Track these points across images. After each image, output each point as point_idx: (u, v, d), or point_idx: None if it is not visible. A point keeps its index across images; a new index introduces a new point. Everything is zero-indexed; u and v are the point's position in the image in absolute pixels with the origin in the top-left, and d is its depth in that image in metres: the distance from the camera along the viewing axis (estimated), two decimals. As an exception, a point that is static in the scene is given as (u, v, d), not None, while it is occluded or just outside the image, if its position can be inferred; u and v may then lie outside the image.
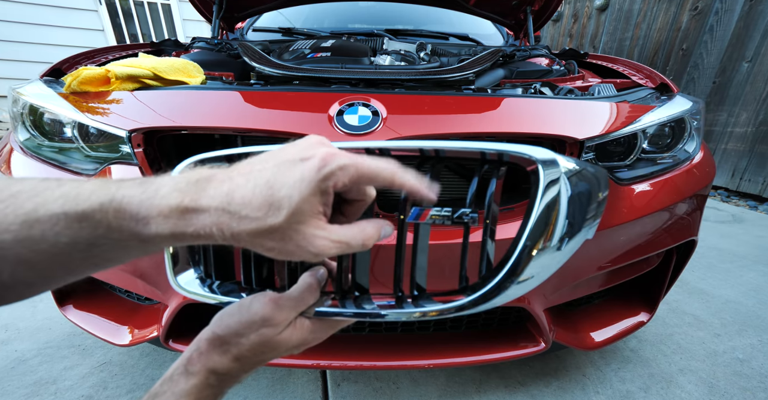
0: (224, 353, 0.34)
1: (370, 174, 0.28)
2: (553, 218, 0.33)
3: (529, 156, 0.34)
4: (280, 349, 0.35)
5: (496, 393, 1.11)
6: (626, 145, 0.88)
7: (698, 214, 0.98)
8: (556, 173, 0.34)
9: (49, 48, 4.53)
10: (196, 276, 0.46)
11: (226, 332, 0.34)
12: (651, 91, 1.03)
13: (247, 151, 0.45)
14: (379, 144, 0.39)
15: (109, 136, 0.83)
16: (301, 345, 0.36)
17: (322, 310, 0.37)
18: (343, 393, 1.10)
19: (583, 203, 0.36)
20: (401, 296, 0.40)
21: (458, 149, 0.38)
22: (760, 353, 1.29)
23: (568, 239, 0.34)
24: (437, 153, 0.39)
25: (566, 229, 0.34)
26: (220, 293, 0.44)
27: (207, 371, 0.34)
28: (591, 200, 0.37)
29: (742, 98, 2.98)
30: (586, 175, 0.37)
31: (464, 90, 0.97)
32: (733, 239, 2.25)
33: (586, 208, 0.36)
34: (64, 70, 1.04)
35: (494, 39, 1.99)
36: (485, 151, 0.37)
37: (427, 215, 0.37)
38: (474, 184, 0.39)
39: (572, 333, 0.98)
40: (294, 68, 1.01)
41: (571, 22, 4.84)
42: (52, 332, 1.31)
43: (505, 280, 0.33)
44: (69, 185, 0.26)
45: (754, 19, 2.85)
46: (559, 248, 0.34)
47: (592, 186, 0.37)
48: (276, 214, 0.26)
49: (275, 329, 0.34)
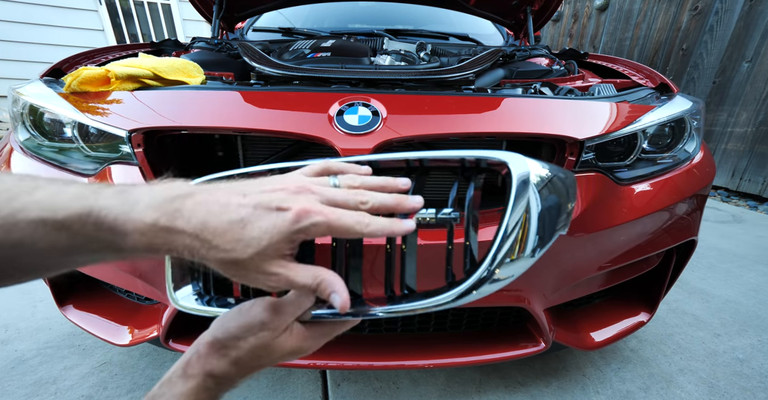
0: (223, 357, 0.35)
1: (340, 231, 0.30)
2: (523, 233, 0.35)
3: (501, 161, 0.37)
4: (275, 354, 0.35)
5: (496, 393, 1.11)
6: (626, 145, 0.88)
7: (698, 214, 0.98)
8: (525, 177, 0.36)
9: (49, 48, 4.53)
10: (194, 291, 0.47)
11: (226, 336, 0.35)
12: (651, 91, 1.03)
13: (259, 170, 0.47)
14: (367, 157, 0.42)
15: (109, 136, 0.83)
16: (295, 352, 0.37)
17: (317, 312, 0.38)
18: (343, 393, 1.10)
19: (552, 216, 0.37)
20: (392, 297, 0.41)
21: (440, 157, 0.41)
22: (760, 353, 1.29)
23: (540, 249, 0.36)
24: (421, 163, 0.42)
25: (537, 242, 0.36)
26: (217, 307, 0.45)
27: (205, 374, 0.34)
28: (560, 212, 0.39)
29: (742, 98, 2.98)
30: (556, 185, 0.39)
31: (464, 90, 0.97)
32: (733, 239, 2.25)
33: (556, 220, 0.38)
34: (64, 70, 1.04)
35: (494, 39, 1.99)
36: (465, 158, 0.40)
37: (413, 217, 0.38)
38: (454, 189, 0.42)
39: (572, 333, 0.98)
40: (294, 68, 1.01)
41: (571, 22, 4.84)
42: (52, 332, 1.31)
43: (480, 282, 0.35)
44: (46, 190, 0.27)
45: (754, 19, 2.85)
46: (532, 256, 0.36)
47: (561, 198, 0.39)
48: (243, 250, 0.28)
49: (273, 333, 0.35)
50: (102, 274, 0.94)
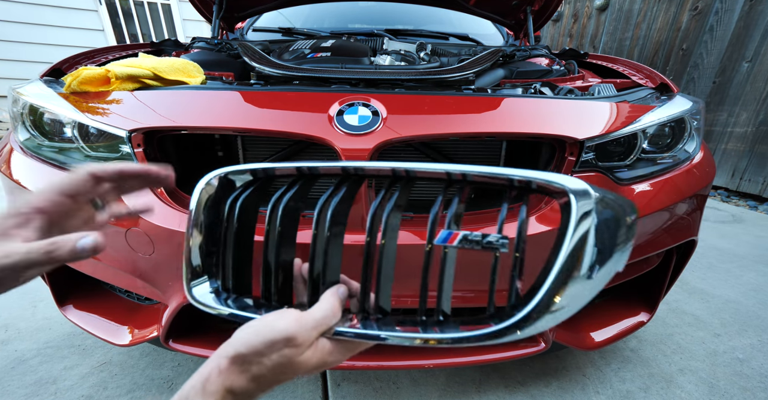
0: (244, 373, 0.33)
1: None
2: (583, 247, 0.32)
3: (561, 187, 0.34)
4: (299, 370, 0.35)
5: (496, 393, 1.11)
6: (626, 145, 0.88)
7: (698, 214, 0.98)
8: (588, 205, 0.33)
9: (49, 48, 4.53)
10: (212, 289, 0.46)
11: (249, 351, 0.33)
12: (651, 91, 1.03)
13: (265, 167, 0.47)
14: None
15: (109, 136, 0.83)
16: (319, 367, 0.36)
17: (343, 330, 0.37)
18: (343, 393, 1.10)
19: (610, 228, 0.34)
20: (425, 321, 0.39)
21: (487, 174, 0.38)
22: (760, 353, 1.29)
23: (598, 267, 0.33)
24: (464, 177, 0.39)
25: (596, 256, 0.33)
26: (235, 307, 0.44)
27: (224, 390, 0.33)
28: (619, 225, 0.35)
29: (742, 98, 2.98)
30: (608, 201, 0.36)
31: (464, 90, 0.97)
32: (733, 239, 2.25)
33: (615, 233, 0.35)
34: (64, 70, 1.04)
35: (494, 39, 1.99)
36: (513, 178, 0.37)
37: (456, 239, 0.36)
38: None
39: (572, 333, 0.98)
40: (294, 68, 1.01)
41: (571, 22, 4.84)
42: (52, 332, 1.31)
43: (537, 310, 0.32)
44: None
45: (754, 19, 2.85)
46: (590, 277, 0.33)
47: (616, 212, 0.36)
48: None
49: (298, 349, 0.34)
50: (102, 274, 0.94)
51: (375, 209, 0.41)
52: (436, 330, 0.37)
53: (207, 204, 0.47)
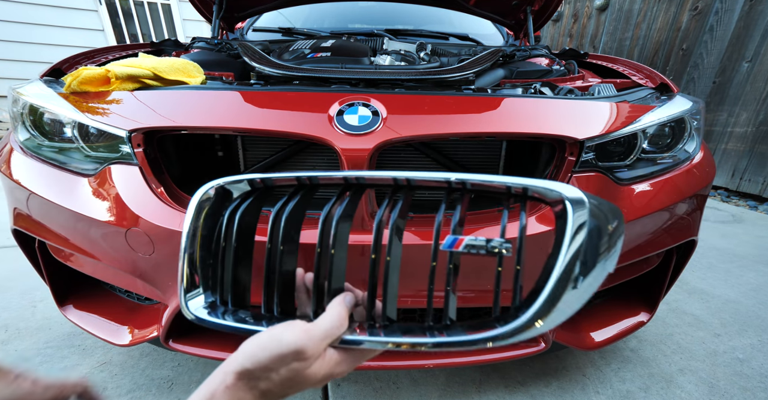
0: (251, 389, 0.33)
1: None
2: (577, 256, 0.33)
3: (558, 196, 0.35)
4: (308, 383, 0.34)
5: (496, 393, 1.11)
6: (626, 145, 0.88)
7: (698, 214, 0.98)
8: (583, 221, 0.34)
9: (49, 48, 4.53)
10: (207, 303, 0.46)
11: (256, 367, 0.32)
12: (651, 91, 1.03)
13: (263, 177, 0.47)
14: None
15: (109, 136, 0.83)
16: (327, 378, 0.35)
17: (352, 338, 0.37)
18: (343, 393, 1.10)
19: (593, 239, 0.35)
20: (431, 326, 0.39)
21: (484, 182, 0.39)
22: (760, 353, 1.29)
23: (582, 278, 0.34)
24: (464, 185, 0.40)
25: (579, 269, 0.33)
26: (233, 321, 0.43)
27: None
28: (601, 234, 0.36)
29: (742, 98, 2.98)
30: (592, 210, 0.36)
31: (464, 90, 0.97)
32: (733, 239, 2.25)
33: (597, 243, 0.35)
34: (64, 70, 1.04)
35: (494, 39, 1.99)
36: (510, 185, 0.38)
37: (461, 244, 0.36)
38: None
39: (572, 333, 0.98)
40: (294, 68, 1.01)
41: (571, 22, 4.84)
42: (52, 332, 1.31)
43: (535, 316, 0.33)
44: None
45: (754, 19, 2.85)
46: (575, 287, 0.33)
47: (599, 221, 0.36)
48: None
49: (306, 363, 0.33)
50: (102, 274, 0.94)
51: (378, 222, 0.40)
52: (443, 335, 0.37)
53: (204, 216, 0.47)
